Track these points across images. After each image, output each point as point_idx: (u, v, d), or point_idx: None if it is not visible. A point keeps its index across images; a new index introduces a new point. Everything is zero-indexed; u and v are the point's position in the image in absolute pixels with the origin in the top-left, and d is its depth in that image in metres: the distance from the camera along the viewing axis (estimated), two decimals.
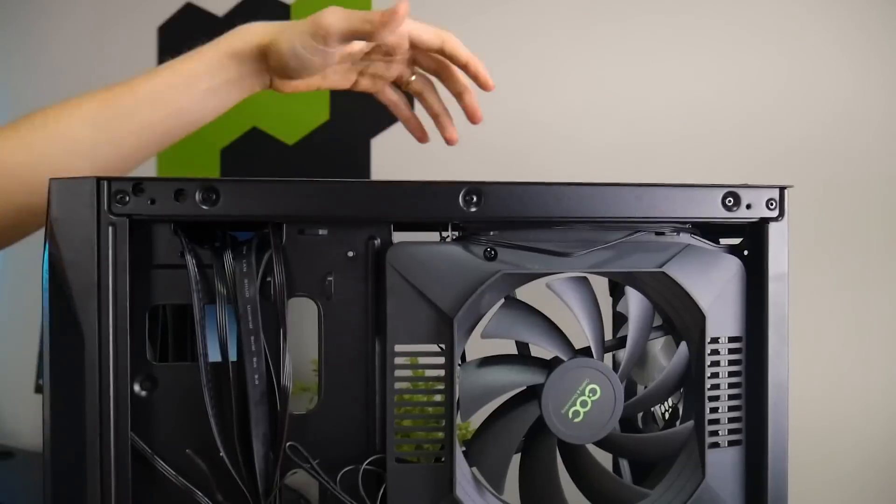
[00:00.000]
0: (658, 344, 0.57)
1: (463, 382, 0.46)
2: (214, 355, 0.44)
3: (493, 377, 0.46)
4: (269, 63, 0.62)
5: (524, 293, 0.49)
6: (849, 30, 0.92)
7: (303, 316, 0.51)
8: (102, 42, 1.46)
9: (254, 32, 0.62)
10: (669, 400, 0.59)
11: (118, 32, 1.45)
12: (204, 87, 0.62)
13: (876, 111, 0.91)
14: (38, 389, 1.48)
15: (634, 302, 0.48)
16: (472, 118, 0.68)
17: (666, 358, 0.55)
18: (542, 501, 0.48)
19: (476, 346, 0.49)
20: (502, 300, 0.48)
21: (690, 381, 0.50)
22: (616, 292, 0.61)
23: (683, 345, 0.50)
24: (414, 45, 0.65)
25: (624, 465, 0.56)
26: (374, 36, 0.57)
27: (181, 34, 1.42)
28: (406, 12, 0.56)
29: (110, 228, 0.42)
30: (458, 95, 0.68)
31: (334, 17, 0.58)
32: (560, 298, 0.47)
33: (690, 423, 0.49)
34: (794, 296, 0.49)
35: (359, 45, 0.64)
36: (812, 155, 0.92)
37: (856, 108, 0.91)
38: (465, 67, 0.66)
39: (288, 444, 0.44)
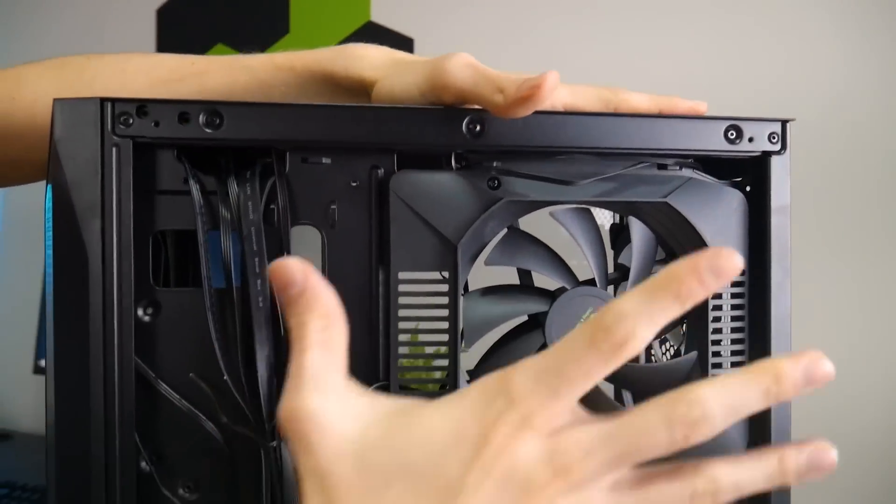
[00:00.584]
0: None
1: (466, 311, 0.46)
2: (217, 283, 0.45)
3: (496, 305, 0.46)
4: (368, 93, 0.51)
5: (526, 228, 0.49)
6: (843, 10, 0.93)
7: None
8: (102, 25, 1.47)
9: (360, 65, 0.51)
10: (673, 345, 0.59)
11: (118, 15, 1.46)
12: (285, 97, 0.53)
13: (870, 89, 0.91)
14: (37, 370, 1.47)
15: (637, 232, 0.49)
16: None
17: None
18: None
19: (479, 277, 0.49)
20: (505, 230, 0.48)
21: (694, 314, 0.50)
22: (618, 243, 0.61)
23: None
24: None
25: (626, 397, 0.56)
26: (500, 112, 0.43)
27: (180, 16, 1.42)
28: (553, 88, 0.41)
29: (114, 149, 0.42)
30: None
31: (462, 74, 0.45)
32: (564, 227, 0.47)
33: (693, 354, 0.49)
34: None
35: None
36: (808, 135, 0.92)
37: (852, 86, 0.92)
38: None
39: None
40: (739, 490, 0.32)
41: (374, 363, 0.46)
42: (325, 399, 0.32)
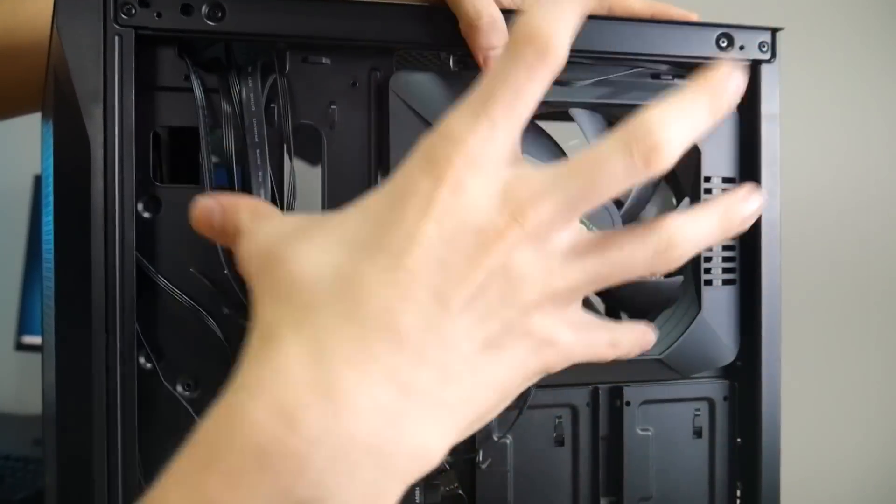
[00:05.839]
0: (652, 212, 0.58)
1: None
2: (218, 180, 0.45)
3: None
4: None
5: None
6: None
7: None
8: None
9: None
10: None
11: None
12: None
13: None
14: (18, 347, 1.45)
15: None
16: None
17: None
18: None
19: None
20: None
21: None
22: None
23: (686, 200, 0.51)
24: None
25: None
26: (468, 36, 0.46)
27: None
28: None
29: (116, 39, 0.42)
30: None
31: None
32: (578, 124, 0.48)
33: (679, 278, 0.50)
34: None
35: None
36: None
37: None
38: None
39: None
40: (697, 243, 0.31)
41: None
42: (263, 224, 0.35)
